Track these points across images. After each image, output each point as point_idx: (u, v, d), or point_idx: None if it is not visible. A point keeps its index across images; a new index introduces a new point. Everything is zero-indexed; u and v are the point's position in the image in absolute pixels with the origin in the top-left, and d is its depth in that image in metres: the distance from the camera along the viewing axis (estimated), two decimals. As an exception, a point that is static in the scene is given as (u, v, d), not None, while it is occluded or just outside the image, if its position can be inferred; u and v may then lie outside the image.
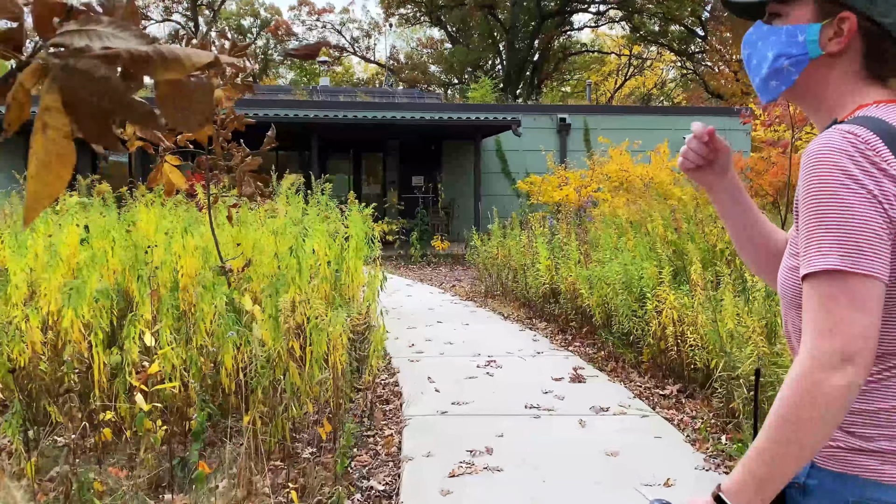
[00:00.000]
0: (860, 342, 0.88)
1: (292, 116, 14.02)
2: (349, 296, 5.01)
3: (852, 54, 1.04)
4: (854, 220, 0.90)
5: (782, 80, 1.08)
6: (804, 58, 1.05)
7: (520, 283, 8.05)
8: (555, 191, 14.52)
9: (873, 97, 1.02)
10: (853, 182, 0.90)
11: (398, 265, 13.20)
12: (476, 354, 5.81)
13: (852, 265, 0.89)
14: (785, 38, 1.06)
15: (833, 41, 1.03)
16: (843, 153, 0.92)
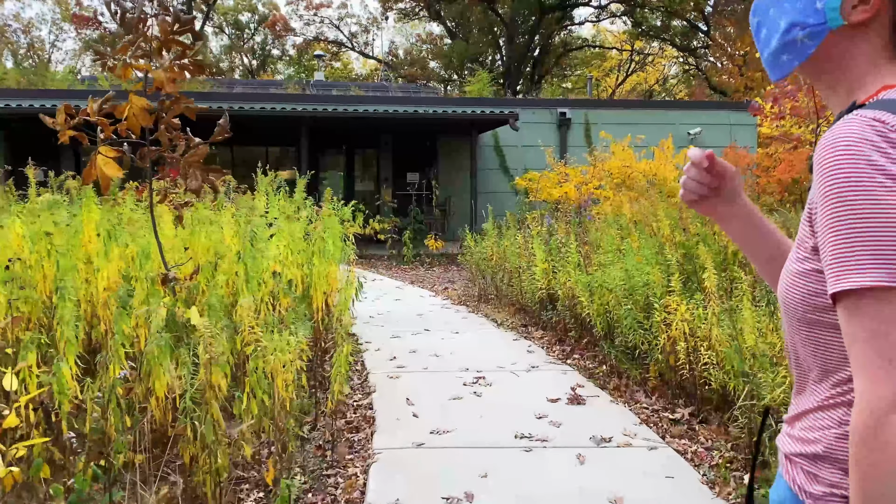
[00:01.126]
0: None
1: (279, 110, 13.43)
2: (317, 306, 4.42)
3: (879, 26, 0.87)
4: (891, 220, 0.74)
5: (796, 54, 0.93)
6: (823, 28, 0.89)
7: (515, 287, 7.46)
8: (554, 188, 13.93)
9: (892, 79, 0.86)
10: (885, 177, 0.75)
11: (390, 266, 12.61)
12: (464, 369, 5.22)
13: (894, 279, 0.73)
14: (801, 4, 0.91)
15: (858, 9, 0.87)
16: (868, 143, 0.77)
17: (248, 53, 44.54)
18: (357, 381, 4.95)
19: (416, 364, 5.38)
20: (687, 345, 4.22)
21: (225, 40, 44.17)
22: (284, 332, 3.17)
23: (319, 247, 4.61)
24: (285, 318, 3.36)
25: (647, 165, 12.08)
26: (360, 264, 12.74)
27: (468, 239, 9.43)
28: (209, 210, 5.43)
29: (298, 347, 3.01)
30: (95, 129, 3.80)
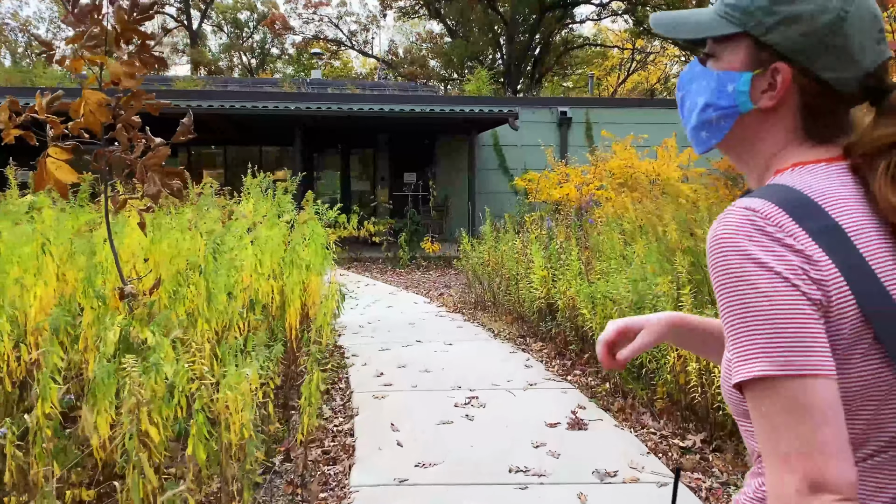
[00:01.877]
0: (828, 461, 0.70)
1: (272, 109, 13.04)
2: (290, 323, 4.03)
3: (787, 110, 0.88)
4: (772, 310, 0.74)
5: (713, 133, 0.93)
6: (734, 111, 0.90)
7: (512, 296, 7.07)
8: (554, 188, 13.52)
9: (796, 159, 0.86)
10: (758, 267, 0.75)
11: (385, 269, 12.22)
12: (456, 387, 4.84)
13: (785, 367, 0.72)
14: (715, 85, 0.91)
15: (766, 94, 0.87)
16: (742, 235, 0.77)
17: (247, 52, 44.19)
18: (339, 401, 4.57)
19: (405, 381, 5.00)
20: (699, 364, 3.84)
21: (224, 39, 43.81)
22: (246, 360, 2.78)
23: (292, 257, 4.21)
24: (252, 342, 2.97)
25: (649, 165, 11.69)
26: (354, 268, 12.37)
27: (465, 242, 9.04)
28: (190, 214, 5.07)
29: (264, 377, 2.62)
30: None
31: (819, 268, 0.75)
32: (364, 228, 13.12)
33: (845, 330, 0.75)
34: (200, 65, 39.81)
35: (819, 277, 0.75)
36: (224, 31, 43.75)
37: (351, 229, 13.07)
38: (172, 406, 2.33)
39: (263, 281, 4.06)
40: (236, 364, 2.69)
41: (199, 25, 41.00)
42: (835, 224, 0.78)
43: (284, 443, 3.74)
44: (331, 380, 5.06)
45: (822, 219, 0.78)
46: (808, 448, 0.71)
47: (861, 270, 0.76)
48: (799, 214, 0.78)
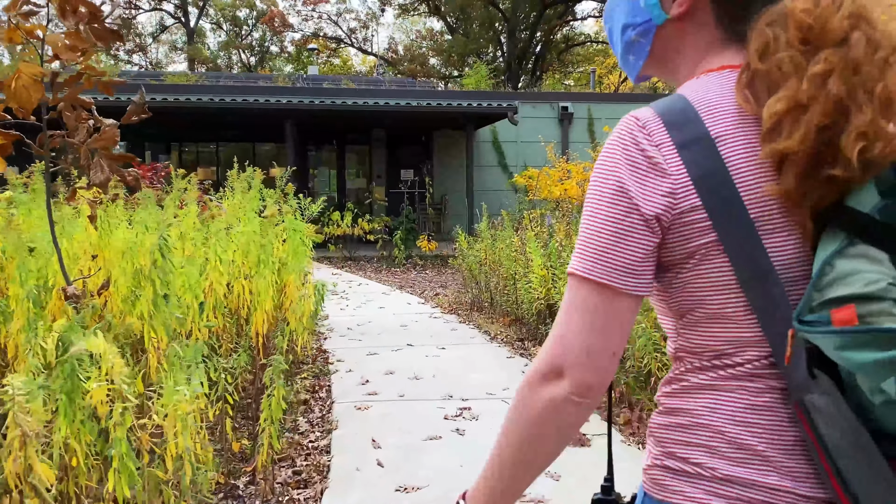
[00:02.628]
0: (578, 359, 0.80)
1: (263, 102, 12.62)
2: (256, 330, 3.60)
3: (703, 15, 0.87)
4: (604, 220, 0.80)
5: (637, 54, 0.93)
6: (650, 25, 0.90)
7: (510, 296, 6.66)
8: (555, 185, 13.13)
9: (720, 62, 0.86)
10: (614, 183, 0.80)
11: (379, 268, 11.81)
12: (447, 396, 4.43)
13: (588, 271, 0.80)
14: (629, 5, 0.92)
15: (676, 2, 0.87)
16: (619, 145, 0.81)
17: (245, 50, 43.79)
18: (318, 413, 4.16)
19: (392, 390, 4.59)
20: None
21: (223, 37, 43.41)
22: (194, 374, 2.37)
23: (259, 255, 3.79)
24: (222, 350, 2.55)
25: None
26: (347, 267, 11.97)
27: (461, 240, 8.63)
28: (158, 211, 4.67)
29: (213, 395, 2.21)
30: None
31: (672, 179, 0.78)
32: (358, 226, 12.73)
33: (689, 236, 0.79)
34: (198, 62, 39.44)
35: (669, 188, 0.78)
36: (223, 29, 43.37)
37: (345, 227, 12.71)
38: (94, 431, 1.93)
39: (225, 281, 3.65)
40: (184, 378, 2.28)
41: (196, 22, 40.61)
42: (704, 134, 0.79)
43: (251, 462, 3.33)
44: (312, 387, 4.65)
45: (692, 129, 0.79)
46: (572, 341, 0.80)
47: (714, 180, 0.77)
48: (673, 124, 0.80)
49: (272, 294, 4.02)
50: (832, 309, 0.69)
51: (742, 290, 0.78)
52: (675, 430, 0.85)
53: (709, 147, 0.78)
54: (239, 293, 3.90)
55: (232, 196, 5.71)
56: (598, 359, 0.79)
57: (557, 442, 0.84)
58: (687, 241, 0.79)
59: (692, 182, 0.78)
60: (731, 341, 0.81)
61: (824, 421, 0.71)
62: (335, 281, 9.79)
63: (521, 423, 0.84)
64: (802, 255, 0.78)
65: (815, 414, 0.72)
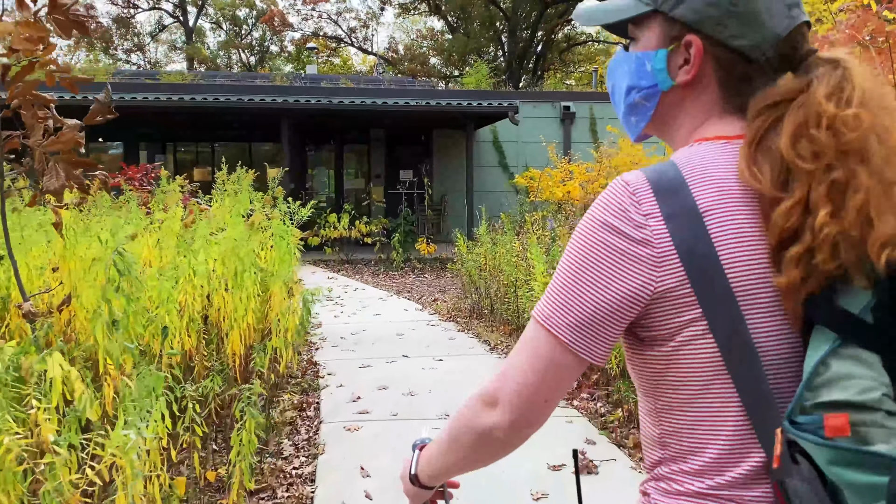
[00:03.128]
0: (512, 395, 0.83)
1: (258, 101, 12.34)
2: (232, 350, 3.30)
3: (707, 84, 0.88)
4: (580, 281, 0.81)
5: (640, 116, 0.94)
6: (655, 90, 0.91)
7: (511, 304, 6.37)
8: (557, 186, 12.84)
9: (714, 132, 0.87)
10: (600, 244, 0.80)
11: (377, 272, 11.52)
12: (443, 416, 4.14)
13: (549, 320, 0.82)
14: (635, 67, 0.92)
15: (683, 69, 0.88)
16: (608, 209, 0.81)
17: (245, 50, 43.52)
18: (304, 435, 3.87)
19: (384, 407, 4.30)
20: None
21: (222, 36, 43.14)
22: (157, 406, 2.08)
23: (236, 266, 3.49)
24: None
25: (657, 161, 10.98)
26: (344, 270, 11.67)
27: (460, 244, 8.34)
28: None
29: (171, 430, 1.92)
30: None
31: (658, 250, 0.78)
32: (356, 228, 12.44)
33: (675, 311, 0.79)
34: (197, 61, 39.18)
35: (655, 259, 0.78)
36: (223, 29, 43.11)
37: (341, 230, 12.42)
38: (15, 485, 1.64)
39: (205, 293, 3.36)
40: (137, 416, 1.99)
41: (195, 21, 40.35)
42: (692, 206, 0.79)
43: (227, 493, 3.05)
44: (299, 404, 4.36)
45: (680, 200, 0.80)
46: (513, 379, 0.83)
47: (699, 252, 0.77)
48: (662, 193, 0.80)
49: (254, 306, 3.73)
50: (826, 413, 0.69)
51: (725, 365, 0.78)
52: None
53: (696, 220, 0.78)
54: (219, 306, 3.61)
55: (221, 199, 5.44)
56: (529, 401, 0.82)
57: (489, 460, 0.92)
58: (672, 317, 0.79)
59: (678, 256, 0.77)
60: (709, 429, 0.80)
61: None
62: (330, 286, 9.50)
63: (462, 434, 0.90)
64: (786, 333, 0.78)
65: (794, 498, 0.72)
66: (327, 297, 8.66)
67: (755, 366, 0.76)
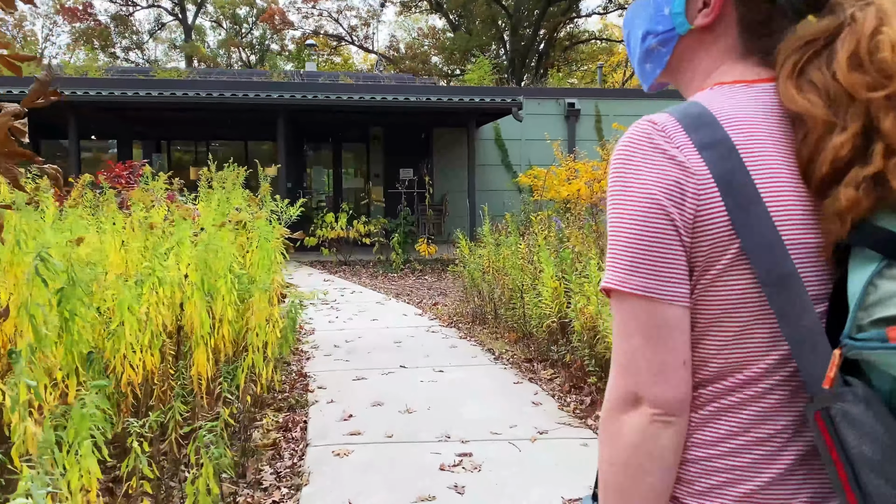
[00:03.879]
0: (649, 378, 0.77)
1: (253, 97, 11.91)
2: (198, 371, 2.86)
3: (725, 27, 0.86)
4: (637, 233, 0.77)
5: (655, 62, 0.93)
6: (672, 34, 0.90)
7: (517, 310, 5.94)
8: (562, 185, 12.41)
9: (732, 76, 0.85)
10: (638, 186, 0.78)
11: (375, 273, 11.09)
12: (443, 437, 3.72)
13: (634, 286, 0.77)
14: (652, 11, 0.91)
15: (702, 13, 0.86)
16: (635, 148, 0.79)
17: (246, 48, 43.16)
18: (288, 460, 3.45)
19: (378, 427, 3.88)
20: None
21: (223, 35, 42.79)
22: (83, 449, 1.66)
23: (204, 273, 3.06)
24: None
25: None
26: (341, 272, 11.25)
27: (462, 245, 7.91)
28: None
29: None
30: None
31: (696, 179, 0.77)
32: (354, 228, 12.01)
33: (712, 242, 0.77)
34: (196, 59, 38.82)
35: (693, 188, 0.76)
36: (223, 28, 42.76)
37: (339, 230, 11.99)
38: None
39: (178, 302, 2.94)
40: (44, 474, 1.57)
41: (193, 19, 39.99)
42: (724, 136, 0.78)
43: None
44: (284, 424, 3.94)
45: (712, 132, 0.78)
46: (636, 363, 0.77)
47: (737, 181, 0.76)
48: (692, 127, 0.79)
49: (231, 317, 3.31)
50: (888, 327, 0.68)
51: (764, 293, 0.75)
52: None
53: (729, 149, 0.77)
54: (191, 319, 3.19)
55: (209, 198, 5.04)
56: (670, 373, 0.77)
57: (663, 473, 0.78)
58: (710, 246, 0.77)
59: (715, 182, 0.76)
60: (738, 357, 0.78)
61: (856, 432, 0.69)
62: (326, 289, 9.08)
63: (618, 466, 0.79)
64: (822, 260, 0.76)
65: (843, 424, 0.69)
66: (322, 300, 8.24)
67: (795, 289, 0.75)
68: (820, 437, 0.71)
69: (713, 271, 0.76)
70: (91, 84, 12.99)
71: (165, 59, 42.77)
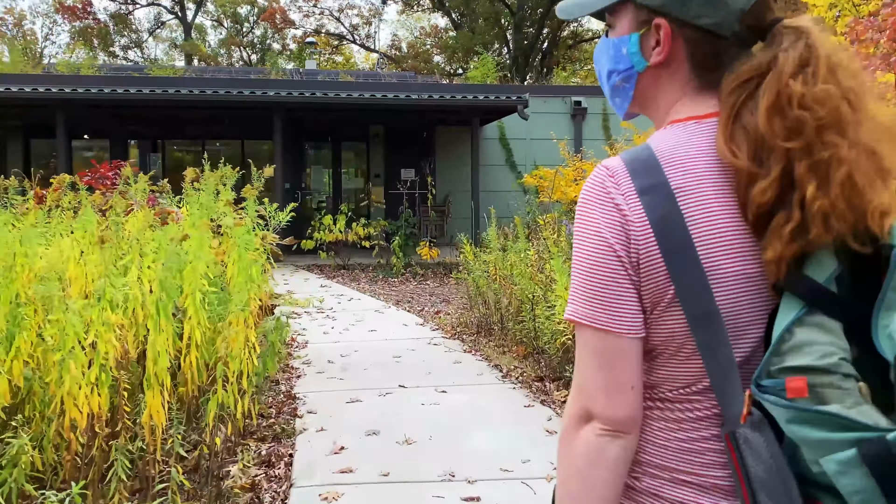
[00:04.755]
0: (601, 399, 0.85)
1: (248, 95, 11.46)
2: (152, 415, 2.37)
3: (678, 64, 0.92)
4: (592, 271, 0.85)
5: (622, 97, 1.00)
6: (631, 72, 0.96)
7: (527, 323, 5.48)
8: (569, 186, 11.95)
9: (686, 112, 0.91)
10: (593, 229, 0.86)
11: (375, 278, 10.63)
12: (447, 476, 3.26)
13: (588, 318, 0.85)
14: (613, 51, 0.97)
15: (655, 51, 0.92)
16: (591, 194, 0.87)
17: (247, 48, 42.75)
18: (268, 501, 2.99)
19: (373, 463, 3.41)
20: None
21: (223, 34, 42.39)
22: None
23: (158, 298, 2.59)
24: None
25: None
26: (339, 277, 10.79)
27: (466, 250, 7.45)
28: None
29: None
30: None
31: (635, 225, 0.83)
32: (352, 231, 11.54)
33: (654, 282, 0.83)
34: (197, 58, 38.43)
35: (634, 234, 0.83)
36: (224, 27, 42.38)
37: (337, 233, 11.54)
38: None
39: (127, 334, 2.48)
40: None
41: (193, 17, 39.60)
42: (663, 182, 0.83)
43: None
44: (267, 457, 3.49)
45: (652, 177, 0.84)
46: (589, 385, 0.86)
47: (670, 225, 0.82)
48: (636, 172, 0.85)
49: (200, 340, 2.86)
50: (787, 377, 0.74)
51: (690, 330, 0.82)
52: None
53: (666, 194, 0.83)
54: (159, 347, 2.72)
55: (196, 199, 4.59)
56: (618, 395, 0.84)
57: (611, 483, 0.85)
58: (654, 286, 0.83)
59: (651, 226, 0.82)
60: (680, 377, 0.86)
61: (752, 455, 0.78)
62: (322, 295, 8.63)
63: (571, 476, 0.86)
64: (747, 303, 0.82)
65: (744, 446, 0.78)
66: (318, 308, 7.79)
67: (716, 326, 0.81)
68: (729, 457, 0.81)
69: (659, 308, 0.83)
70: (81, 81, 12.53)
71: (166, 58, 42.36)
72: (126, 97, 11.16)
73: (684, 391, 0.85)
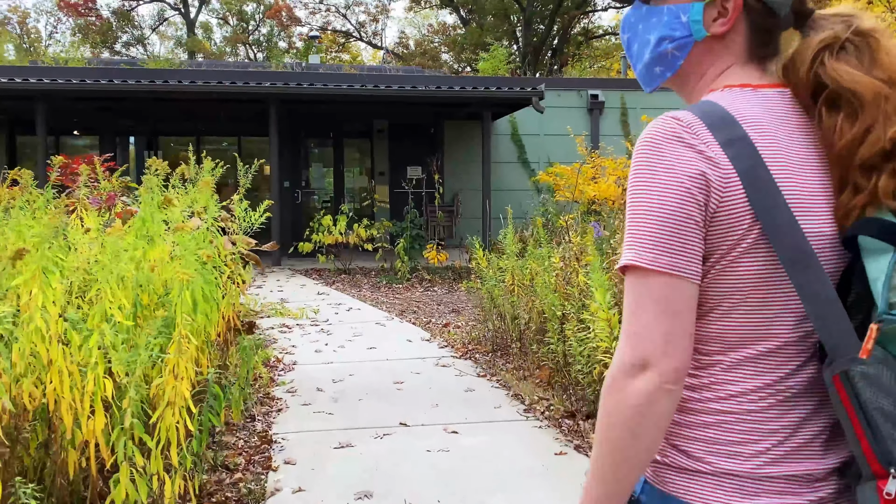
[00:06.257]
0: (660, 347, 0.82)
1: (242, 85, 10.63)
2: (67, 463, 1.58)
3: (736, 35, 0.94)
4: (659, 210, 0.83)
5: (667, 66, 0.98)
6: (688, 40, 0.95)
7: (554, 345, 4.60)
8: (587, 184, 11.09)
9: (731, 81, 0.93)
10: (665, 168, 0.84)
11: (377, 284, 9.77)
12: (461, 568, 2.41)
13: (655, 262, 0.83)
14: (667, 18, 0.96)
15: (718, 21, 0.93)
16: (662, 138, 0.85)
17: (253, 45, 42.09)
18: None
19: (363, 546, 2.57)
20: None
21: (229, 32, 41.76)
22: None
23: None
24: None
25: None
26: (339, 282, 9.94)
27: (478, 255, 6.58)
28: None
29: None
30: None
31: (721, 172, 0.83)
32: (354, 233, 10.70)
33: (728, 231, 0.84)
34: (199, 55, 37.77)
35: (718, 181, 0.83)
36: (229, 24, 41.76)
37: (337, 235, 10.70)
38: None
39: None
40: None
41: (196, 13, 38.95)
42: (744, 135, 0.85)
43: None
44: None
45: (732, 130, 0.85)
46: (647, 333, 0.83)
47: (759, 176, 0.83)
48: (716, 126, 0.85)
49: (135, 395, 2.02)
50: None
51: (787, 274, 0.82)
52: (680, 426, 0.89)
53: (749, 146, 0.84)
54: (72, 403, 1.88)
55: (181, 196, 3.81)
56: (679, 343, 0.83)
57: (656, 436, 0.84)
58: (730, 232, 0.83)
59: (738, 175, 0.83)
60: (755, 329, 0.86)
61: (875, 389, 0.77)
62: (318, 304, 7.79)
63: (617, 426, 0.84)
64: (835, 242, 0.85)
65: (861, 383, 0.77)
66: (312, 320, 6.95)
67: (815, 269, 0.81)
68: (836, 396, 0.79)
69: (732, 255, 0.83)
70: (65, 73, 11.75)
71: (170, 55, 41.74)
72: (109, 87, 10.36)
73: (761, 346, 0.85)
